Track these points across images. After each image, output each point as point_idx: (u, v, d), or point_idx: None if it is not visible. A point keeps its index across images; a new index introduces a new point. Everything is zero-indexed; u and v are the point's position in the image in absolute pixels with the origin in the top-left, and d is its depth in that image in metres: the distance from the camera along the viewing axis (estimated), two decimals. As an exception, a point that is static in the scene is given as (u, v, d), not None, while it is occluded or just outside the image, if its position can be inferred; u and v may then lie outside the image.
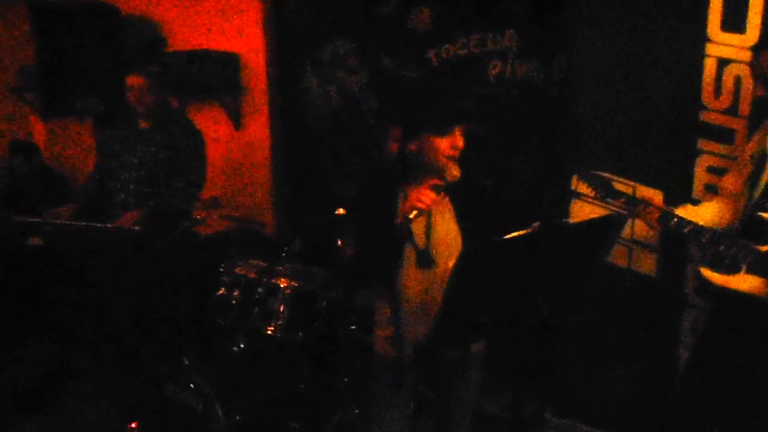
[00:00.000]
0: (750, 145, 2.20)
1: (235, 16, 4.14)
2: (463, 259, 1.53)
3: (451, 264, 1.52)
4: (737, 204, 2.21)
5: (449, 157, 1.83)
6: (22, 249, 3.33)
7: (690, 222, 2.13)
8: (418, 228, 1.90)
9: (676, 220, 2.14)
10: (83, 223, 3.06)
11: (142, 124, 3.19)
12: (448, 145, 1.82)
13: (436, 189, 1.80)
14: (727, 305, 2.15)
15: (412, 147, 1.86)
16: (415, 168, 1.90)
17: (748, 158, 2.17)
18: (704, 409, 2.28)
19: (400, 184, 1.95)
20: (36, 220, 3.10)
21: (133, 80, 3.12)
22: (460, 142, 1.83)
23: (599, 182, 2.27)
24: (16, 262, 3.73)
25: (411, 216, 1.76)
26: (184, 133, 3.21)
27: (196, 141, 3.25)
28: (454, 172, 1.84)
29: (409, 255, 1.89)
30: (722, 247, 2.07)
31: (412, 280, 1.91)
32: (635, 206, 2.21)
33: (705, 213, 2.24)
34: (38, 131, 5.11)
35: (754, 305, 2.05)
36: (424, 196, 1.77)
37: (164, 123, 3.18)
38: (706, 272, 2.13)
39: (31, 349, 3.63)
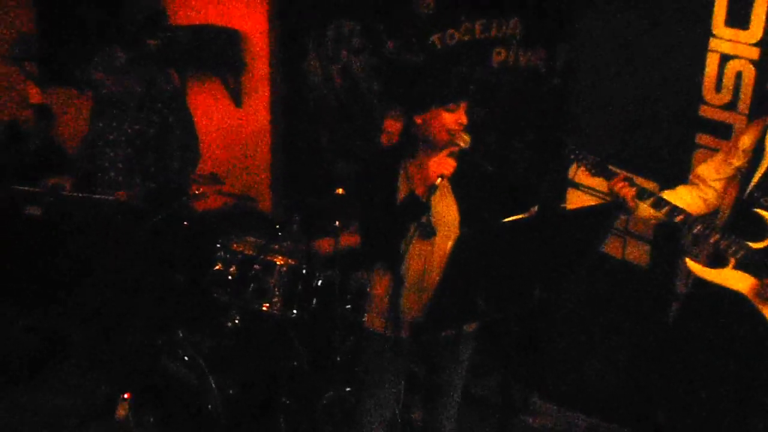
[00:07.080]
0: (743, 138, 2.17)
1: (239, -7, 4.12)
2: (462, 240, 1.56)
3: (449, 245, 1.54)
4: (718, 196, 2.20)
5: (452, 132, 1.87)
6: (20, 218, 3.33)
7: (681, 210, 2.11)
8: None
9: (654, 199, 2.11)
10: (84, 195, 3.05)
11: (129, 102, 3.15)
12: (454, 119, 1.87)
13: (453, 156, 1.85)
14: (706, 298, 2.16)
15: (418, 121, 1.89)
16: (418, 144, 1.94)
17: (741, 152, 2.16)
18: (685, 399, 2.32)
19: (400, 161, 1.97)
20: (37, 190, 3.08)
21: (98, 76, 3.05)
22: (464, 118, 1.88)
23: (592, 160, 2.23)
24: (14, 231, 3.73)
25: (437, 183, 1.80)
26: (171, 110, 3.17)
27: (183, 118, 3.19)
28: (466, 137, 1.88)
29: (411, 229, 1.91)
30: (715, 237, 2.07)
31: (412, 254, 1.94)
32: (612, 178, 2.15)
33: (677, 199, 2.18)
34: (35, 101, 5.06)
35: (731, 301, 2.07)
36: (446, 162, 1.82)
37: (149, 101, 3.15)
38: (692, 264, 2.14)
39: (26, 318, 3.64)
